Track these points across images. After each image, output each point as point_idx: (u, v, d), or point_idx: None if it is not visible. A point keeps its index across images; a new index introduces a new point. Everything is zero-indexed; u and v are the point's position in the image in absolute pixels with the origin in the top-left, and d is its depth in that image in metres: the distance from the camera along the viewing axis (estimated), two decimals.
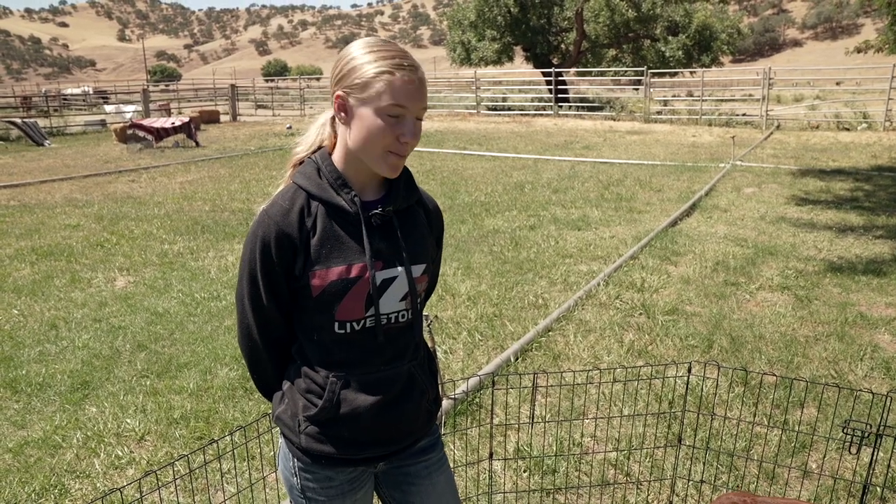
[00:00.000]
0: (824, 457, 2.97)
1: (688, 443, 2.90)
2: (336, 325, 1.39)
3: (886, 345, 4.20)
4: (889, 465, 2.50)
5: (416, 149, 14.81)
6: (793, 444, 3.06)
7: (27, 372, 4.11)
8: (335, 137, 1.43)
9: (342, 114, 1.36)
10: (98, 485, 2.94)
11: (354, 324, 1.39)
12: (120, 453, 3.19)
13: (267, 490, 2.80)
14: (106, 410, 3.60)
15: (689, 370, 2.33)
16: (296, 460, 1.48)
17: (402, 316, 1.43)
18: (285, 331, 1.47)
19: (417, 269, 1.44)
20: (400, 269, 1.40)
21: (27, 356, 4.36)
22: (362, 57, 1.32)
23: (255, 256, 1.38)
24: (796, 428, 3.11)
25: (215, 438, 2.59)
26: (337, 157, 1.41)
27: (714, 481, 2.79)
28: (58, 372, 4.10)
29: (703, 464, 2.87)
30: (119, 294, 5.57)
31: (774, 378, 3.62)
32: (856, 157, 12.92)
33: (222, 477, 2.91)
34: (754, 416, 3.28)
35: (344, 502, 1.50)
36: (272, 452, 3.01)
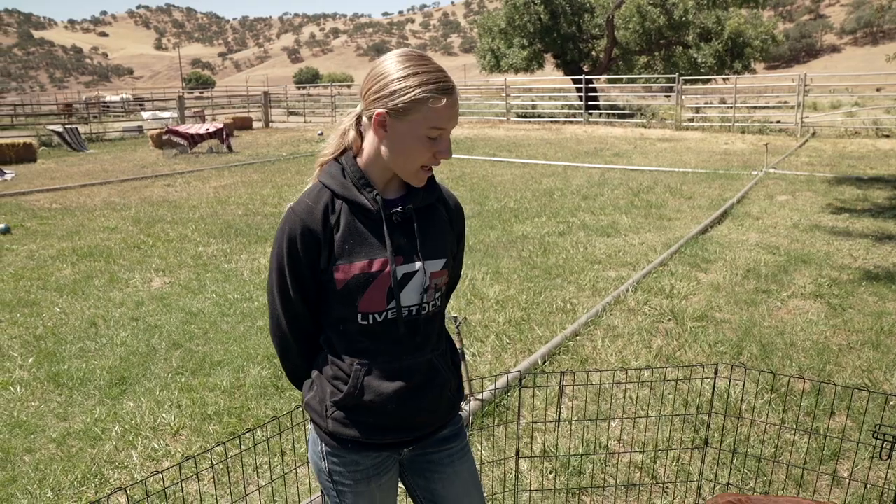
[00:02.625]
0: (854, 465, 2.93)
1: (715, 447, 2.89)
2: (359, 316, 1.46)
3: None
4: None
5: None
6: (823, 452, 3.03)
7: (69, 367, 4.26)
8: (360, 141, 1.49)
9: (381, 130, 1.41)
10: (136, 475, 3.04)
11: (377, 315, 1.46)
12: (156, 446, 3.29)
13: (298, 485, 2.86)
14: (143, 405, 3.72)
15: (716, 372, 2.34)
16: (324, 445, 1.55)
17: (423, 308, 1.49)
18: (312, 322, 1.54)
19: (437, 264, 1.50)
20: (419, 263, 1.47)
21: (69, 352, 4.51)
22: (403, 80, 1.36)
23: (282, 251, 1.46)
24: (827, 435, 3.07)
25: (251, 428, 2.66)
26: (362, 160, 1.48)
27: (742, 486, 2.78)
28: (97, 367, 4.24)
29: (731, 468, 2.86)
30: (155, 294, 5.72)
31: (803, 384, 3.59)
32: (895, 164, 12.63)
33: (256, 470, 2.99)
34: (783, 422, 3.26)
35: (369, 486, 1.56)
36: (302, 449, 3.08)
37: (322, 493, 1.85)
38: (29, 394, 3.93)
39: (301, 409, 1.66)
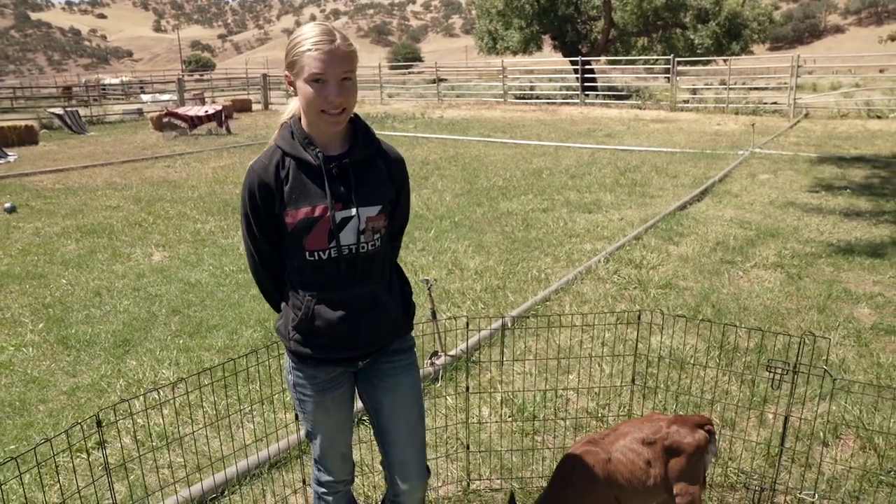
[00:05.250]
0: (788, 410, 3.26)
1: (658, 393, 3.23)
2: (307, 253, 1.79)
3: (864, 317, 4.45)
4: (806, 395, 2.80)
5: (440, 136, 15.22)
6: (756, 398, 3.36)
7: (76, 331, 4.60)
8: None
9: (292, 89, 1.74)
10: (139, 421, 3.39)
11: (321, 253, 1.78)
12: (156, 396, 3.64)
13: (278, 428, 3.21)
14: (144, 363, 4.07)
15: (639, 318, 2.66)
16: (289, 361, 1.93)
17: (362, 247, 1.81)
18: (277, 257, 1.89)
19: (372, 210, 1.81)
20: (355, 209, 1.78)
21: (75, 318, 4.86)
22: (294, 43, 1.70)
23: (245, 202, 1.81)
24: (761, 385, 3.41)
25: (231, 358, 3.00)
26: (304, 122, 1.80)
27: None
28: (102, 332, 4.59)
29: (671, 411, 3.19)
30: (155, 267, 6.06)
31: (747, 342, 3.92)
32: (880, 144, 12.87)
33: (243, 416, 3.32)
34: (728, 375, 3.59)
35: (324, 397, 1.93)
36: (288, 398, 3.42)
37: (297, 417, 2.19)
38: (40, 354, 4.28)
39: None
